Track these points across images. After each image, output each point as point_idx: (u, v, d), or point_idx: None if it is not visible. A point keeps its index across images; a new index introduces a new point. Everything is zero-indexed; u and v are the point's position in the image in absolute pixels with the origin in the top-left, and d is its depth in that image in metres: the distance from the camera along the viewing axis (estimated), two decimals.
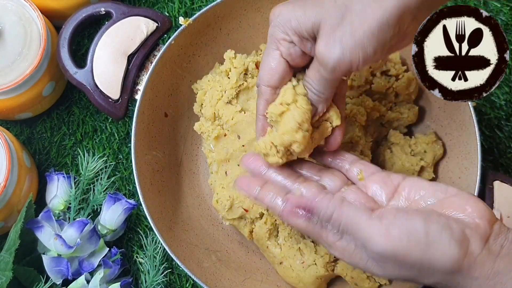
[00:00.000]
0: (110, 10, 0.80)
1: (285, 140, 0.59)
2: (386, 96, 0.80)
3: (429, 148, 0.79)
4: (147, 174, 0.77)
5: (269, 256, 0.77)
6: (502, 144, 0.87)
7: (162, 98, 0.80)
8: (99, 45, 0.78)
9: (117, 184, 0.86)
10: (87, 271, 0.76)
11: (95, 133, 0.88)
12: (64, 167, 0.87)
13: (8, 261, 0.72)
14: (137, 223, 0.85)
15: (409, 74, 0.79)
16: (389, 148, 0.80)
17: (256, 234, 0.76)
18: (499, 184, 0.76)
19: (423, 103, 0.82)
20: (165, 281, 0.82)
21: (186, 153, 0.84)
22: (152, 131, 0.80)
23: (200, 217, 0.82)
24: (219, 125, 0.78)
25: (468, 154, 0.77)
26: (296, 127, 0.58)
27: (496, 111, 0.88)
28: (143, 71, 0.80)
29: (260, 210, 0.75)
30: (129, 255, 0.84)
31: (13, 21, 0.78)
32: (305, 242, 0.75)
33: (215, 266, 0.78)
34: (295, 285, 0.76)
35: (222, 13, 0.80)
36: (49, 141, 0.88)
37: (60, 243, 0.74)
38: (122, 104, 0.78)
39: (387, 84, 0.79)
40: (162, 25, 0.80)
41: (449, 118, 0.80)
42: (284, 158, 0.60)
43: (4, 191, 0.74)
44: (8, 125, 0.88)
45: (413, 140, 0.80)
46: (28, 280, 0.75)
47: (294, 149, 0.59)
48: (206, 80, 0.81)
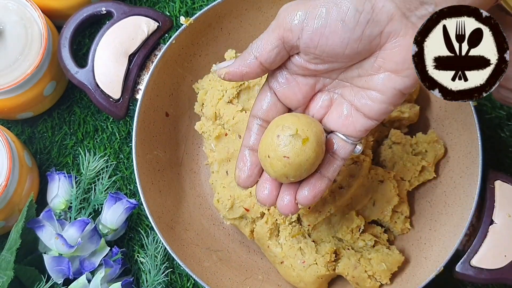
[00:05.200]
0: (111, 9, 0.80)
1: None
2: None
3: (430, 147, 0.79)
4: (148, 173, 0.77)
5: (270, 255, 0.77)
6: (503, 143, 0.87)
7: (163, 97, 0.80)
8: (100, 44, 0.78)
9: (118, 184, 0.86)
10: (88, 270, 0.76)
11: (96, 132, 0.88)
12: (65, 166, 0.87)
13: (9, 261, 0.72)
14: (138, 222, 0.85)
15: None
16: (390, 148, 0.80)
17: (257, 233, 0.76)
18: (500, 183, 0.76)
19: (424, 102, 0.82)
20: (166, 281, 0.82)
21: (187, 153, 0.84)
22: (153, 131, 0.80)
23: (201, 216, 0.82)
24: (220, 124, 0.78)
25: (469, 154, 0.77)
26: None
27: (497, 110, 0.88)
28: (144, 71, 0.80)
29: (261, 209, 0.75)
30: (130, 254, 0.84)
31: (14, 21, 0.78)
32: (306, 242, 0.75)
33: (216, 266, 0.78)
34: (296, 284, 0.76)
35: (223, 13, 0.80)
36: (50, 141, 0.88)
37: (61, 242, 0.74)
38: (123, 103, 0.78)
39: None
40: (163, 25, 0.80)
41: (450, 118, 0.80)
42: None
43: (5, 191, 0.75)
44: (9, 125, 0.88)
45: (414, 140, 0.80)
46: (29, 280, 0.76)
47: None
48: (207, 80, 0.81)
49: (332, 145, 0.59)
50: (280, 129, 0.57)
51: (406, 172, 0.79)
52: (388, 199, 0.77)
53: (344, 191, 0.76)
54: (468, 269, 0.74)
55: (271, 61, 0.57)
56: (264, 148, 0.58)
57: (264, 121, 0.60)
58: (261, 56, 0.57)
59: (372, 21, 0.52)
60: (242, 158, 0.61)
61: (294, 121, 0.57)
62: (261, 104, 0.60)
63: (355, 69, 0.56)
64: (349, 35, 0.53)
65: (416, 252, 0.78)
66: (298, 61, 0.57)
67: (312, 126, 0.57)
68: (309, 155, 0.56)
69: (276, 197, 0.60)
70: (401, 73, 0.53)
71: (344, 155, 0.60)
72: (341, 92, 0.59)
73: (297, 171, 0.57)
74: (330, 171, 0.60)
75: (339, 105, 0.59)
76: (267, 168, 0.58)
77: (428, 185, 0.81)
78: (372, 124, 0.57)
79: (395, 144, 0.80)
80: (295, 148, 0.56)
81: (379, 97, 0.55)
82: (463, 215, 0.75)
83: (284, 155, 0.56)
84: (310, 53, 0.56)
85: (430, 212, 0.80)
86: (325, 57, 0.55)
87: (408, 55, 0.52)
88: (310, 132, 0.56)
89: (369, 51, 0.54)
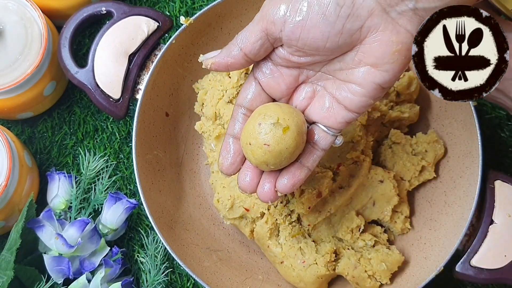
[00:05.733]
0: (111, 9, 0.80)
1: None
2: (387, 95, 0.80)
3: (430, 147, 0.79)
4: (148, 173, 0.77)
5: (270, 255, 0.77)
6: (503, 143, 0.87)
7: (163, 97, 0.80)
8: (100, 44, 0.78)
9: (118, 184, 0.86)
10: (88, 270, 0.76)
11: (96, 132, 0.88)
12: (65, 166, 0.87)
13: (9, 261, 0.72)
14: (138, 222, 0.85)
15: (410, 73, 0.79)
16: (390, 148, 0.80)
17: (257, 233, 0.76)
18: (500, 183, 0.76)
19: (424, 102, 0.82)
20: (166, 281, 0.82)
21: (187, 153, 0.84)
22: (153, 131, 0.80)
23: (201, 216, 0.82)
24: (220, 124, 0.78)
25: (469, 154, 0.77)
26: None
27: (497, 110, 0.88)
28: (144, 71, 0.80)
29: (261, 209, 0.75)
30: (130, 254, 0.84)
31: (14, 21, 0.78)
32: (306, 242, 0.75)
33: (216, 266, 0.78)
34: (296, 284, 0.76)
35: (223, 13, 0.80)
36: (50, 141, 0.88)
37: (61, 242, 0.74)
38: (123, 103, 0.78)
39: None
40: (163, 25, 0.80)
41: (450, 118, 0.80)
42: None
43: (5, 191, 0.75)
44: (9, 125, 0.88)
45: (414, 140, 0.80)
46: (29, 280, 0.76)
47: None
48: (207, 80, 0.81)
49: (313, 135, 0.60)
50: (262, 118, 0.58)
51: (406, 172, 0.79)
52: (388, 199, 0.77)
53: (344, 191, 0.76)
54: (468, 269, 0.74)
55: (255, 53, 0.58)
56: (246, 136, 0.59)
57: (248, 110, 0.62)
58: (246, 48, 0.58)
59: (352, 16, 0.53)
60: (226, 146, 0.62)
61: (276, 110, 0.58)
62: (246, 94, 0.62)
63: (337, 62, 0.57)
64: (330, 29, 0.54)
65: (416, 252, 0.78)
66: (282, 53, 0.58)
67: (293, 115, 0.58)
68: (289, 143, 0.57)
69: (257, 185, 0.62)
70: (381, 67, 0.54)
71: (324, 146, 0.61)
72: (324, 84, 0.60)
73: (277, 159, 0.58)
74: (310, 160, 0.61)
75: (321, 97, 0.60)
76: (248, 155, 0.59)
77: (428, 185, 0.81)
78: (353, 117, 0.59)
79: (395, 144, 0.80)
80: (275, 136, 0.57)
81: (359, 90, 0.56)
82: (463, 215, 0.75)
83: (265, 143, 0.57)
84: (293, 46, 0.57)
85: (430, 212, 0.80)
86: (307, 50, 0.56)
87: (387, 49, 0.53)
88: (291, 121, 0.57)
89: (349, 45, 0.55)
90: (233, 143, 0.62)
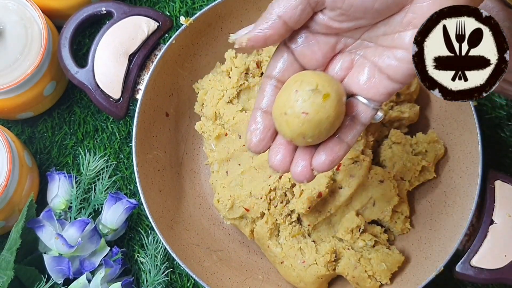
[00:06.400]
0: (111, 9, 0.80)
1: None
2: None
3: (430, 147, 0.79)
4: (148, 173, 0.77)
5: (270, 255, 0.78)
6: (503, 143, 0.87)
7: (163, 97, 0.80)
8: (100, 44, 0.78)
9: (118, 184, 0.86)
10: (88, 270, 0.76)
11: (96, 132, 0.88)
12: (65, 166, 0.87)
13: (9, 261, 0.72)
14: (138, 222, 0.85)
15: None
16: (390, 148, 0.80)
17: (257, 233, 0.76)
18: (500, 183, 0.76)
19: (424, 102, 0.82)
20: (166, 281, 0.82)
21: (187, 153, 0.84)
22: (153, 131, 0.80)
23: (201, 216, 0.82)
24: (220, 124, 0.78)
25: (469, 154, 0.77)
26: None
27: (497, 110, 0.88)
28: (144, 71, 0.80)
29: (261, 209, 0.75)
30: (130, 254, 0.84)
31: (14, 21, 0.78)
32: (306, 242, 0.75)
33: (216, 266, 0.78)
34: (296, 284, 0.76)
35: (223, 13, 0.80)
36: (50, 141, 0.88)
37: (61, 242, 0.74)
38: (123, 103, 0.78)
39: None
40: (163, 25, 0.80)
41: (450, 118, 0.80)
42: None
43: (5, 191, 0.75)
44: (9, 125, 0.88)
45: (414, 140, 0.80)
46: (29, 280, 0.76)
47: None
48: (207, 80, 0.81)
49: (352, 108, 0.54)
50: (299, 84, 0.52)
51: (406, 172, 0.79)
52: (388, 199, 0.77)
53: (344, 191, 0.76)
54: (468, 269, 0.74)
55: (296, 19, 0.52)
56: (280, 105, 0.52)
57: (279, 82, 0.55)
58: (285, 14, 0.52)
59: None
60: (255, 120, 0.55)
61: (314, 77, 0.52)
62: (276, 64, 0.55)
63: (381, 26, 0.53)
64: None
65: (416, 252, 0.78)
66: (321, 19, 0.53)
67: (332, 83, 0.52)
68: (329, 112, 0.51)
69: (290, 163, 0.55)
70: None
71: (364, 120, 0.55)
72: (363, 53, 0.54)
73: (316, 129, 0.51)
74: (349, 136, 0.54)
75: (361, 67, 0.54)
76: (282, 127, 0.53)
77: (428, 185, 0.81)
78: (396, 88, 0.53)
79: (395, 144, 0.80)
80: (315, 103, 0.51)
81: (406, 56, 0.51)
82: (463, 215, 0.75)
83: (303, 111, 0.51)
84: (337, 8, 0.51)
85: (430, 212, 0.80)
86: (353, 12, 0.51)
87: (439, 8, 0.48)
88: (331, 88, 0.51)
89: (399, 5, 0.51)
90: (262, 118, 0.55)
